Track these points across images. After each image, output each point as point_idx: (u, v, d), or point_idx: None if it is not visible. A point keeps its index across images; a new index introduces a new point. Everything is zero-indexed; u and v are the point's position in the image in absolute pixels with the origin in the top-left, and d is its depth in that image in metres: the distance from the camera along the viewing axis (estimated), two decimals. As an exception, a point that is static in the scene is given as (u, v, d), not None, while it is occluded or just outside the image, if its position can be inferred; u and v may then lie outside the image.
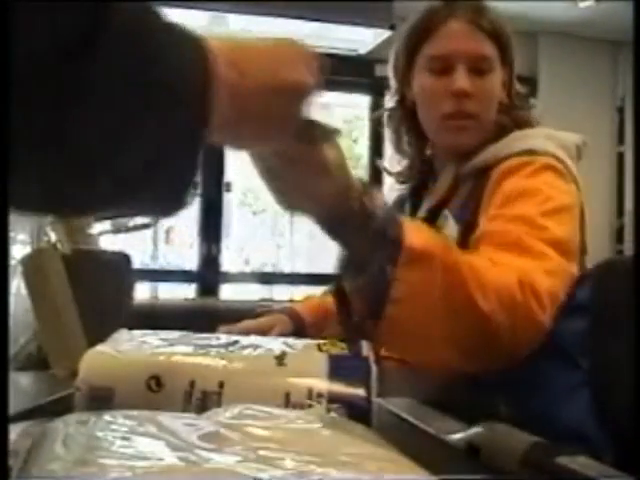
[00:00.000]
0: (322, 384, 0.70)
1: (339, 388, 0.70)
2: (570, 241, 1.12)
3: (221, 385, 0.70)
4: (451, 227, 1.27)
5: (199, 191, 5.11)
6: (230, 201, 5.46)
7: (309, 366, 0.73)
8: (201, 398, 0.70)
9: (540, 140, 1.27)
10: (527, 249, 1.04)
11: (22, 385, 0.99)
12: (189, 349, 0.77)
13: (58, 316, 0.98)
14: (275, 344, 0.81)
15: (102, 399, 0.69)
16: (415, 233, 0.89)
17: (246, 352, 0.78)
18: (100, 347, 0.77)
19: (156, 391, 0.70)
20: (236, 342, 0.82)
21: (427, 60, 1.32)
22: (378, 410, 0.73)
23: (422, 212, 1.41)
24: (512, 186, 1.16)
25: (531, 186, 1.15)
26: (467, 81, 1.28)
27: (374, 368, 0.73)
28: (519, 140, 1.29)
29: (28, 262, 1.00)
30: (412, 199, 1.47)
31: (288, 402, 0.69)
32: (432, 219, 1.35)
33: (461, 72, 1.28)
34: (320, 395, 0.69)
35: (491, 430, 0.73)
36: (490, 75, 1.30)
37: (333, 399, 0.69)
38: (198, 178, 0.62)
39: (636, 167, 1.19)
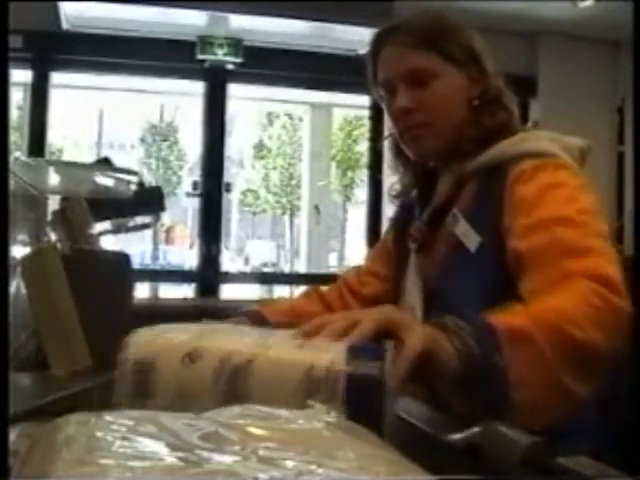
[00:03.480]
0: (342, 361, 0.74)
1: (357, 367, 0.73)
2: (607, 231, 1.16)
3: (249, 361, 0.75)
4: (463, 226, 1.28)
5: (199, 191, 5.11)
6: (230, 201, 5.49)
7: (329, 350, 0.77)
8: (231, 373, 0.75)
9: (545, 142, 1.30)
10: (584, 250, 1.07)
11: (21, 385, 0.98)
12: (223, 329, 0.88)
13: (57, 316, 0.97)
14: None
15: (144, 372, 0.77)
16: (496, 318, 0.94)
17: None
18: (143, 329, 0.84)
19: (190, 366, 0.77)
20: None
21: (380, 86, 1.42)
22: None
23: (425, 214, 1.41)
24: (535, 190, 1.18)
25: (555, 186, 1.18)
26: (405, 98, 1.35)
27: (389, 353, 0.76)
28: (525, 141, 1.31)
29: (27, 262, 0.99)
30: (420, 204, 1.47)
31: (310, 377, 0.73)
32: (437, 220, 1.36)
33: (401, 91, 1.36)
34: (339, 372, 0.73)
35: (491, 430, 0.72)
36: (433, 83, 1.34)
37: (351, 378, 0.72)
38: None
39: (636, 167, 1.19)
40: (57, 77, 4.84)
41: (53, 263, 0.99)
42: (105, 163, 1.69)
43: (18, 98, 4.99)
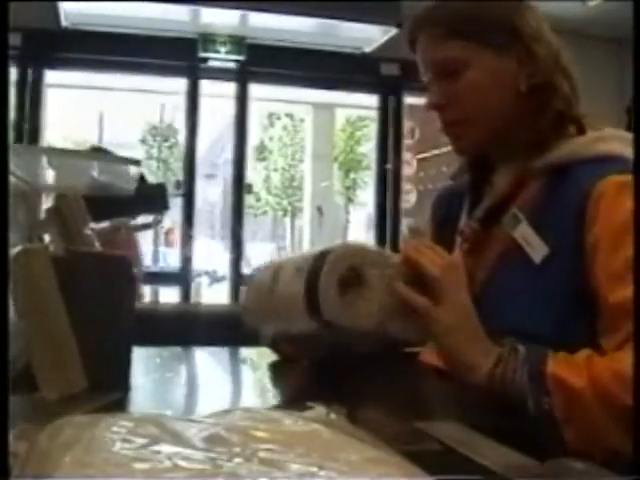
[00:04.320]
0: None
1: None
2: None
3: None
4: (524, 230, 1.18)
5: (181, 191, 5.03)
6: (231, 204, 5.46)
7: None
8: None
9: (617, 144, 1.20)
10: None
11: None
12: None
13: (47, 329, 0.85)
14: None
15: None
16: (556, 369, 0.98)
17: None
18: None
19: None
20: None
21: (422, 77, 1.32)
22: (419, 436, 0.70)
23: (479, 211, 1.29)
24: (620, 218, 1.08)
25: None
26: (435, 94, 1.25)
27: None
28: (599, 142, 1.21)
29: (12, 265, 0.85)
30: (471, 197, 1.35)
31: None
32: (492, 218, 1.26)
33: (431, 85, 1.26)
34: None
35: (564, 466, 0.60)
36: (465, 73, 1.23)
37: None
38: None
39: (636, 166, 1.13)
40: (56, 77, 4.84)
41: (42, 266, 0.87)
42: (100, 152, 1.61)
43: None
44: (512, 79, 1.22)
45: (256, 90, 5.43)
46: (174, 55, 4.71)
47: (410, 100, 5.30)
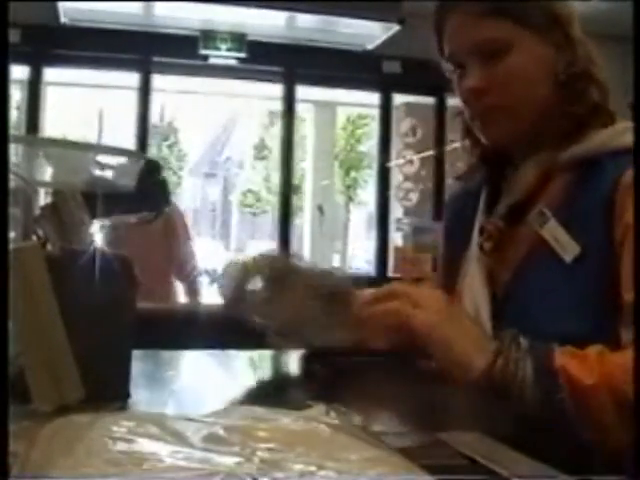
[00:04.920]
0: None
1: None
2: None
3: None
4: (554, 228, 1.13)
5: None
6: (230, 202, 5.47)
7: None
8: None
9: None
10: None
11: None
12: None
13: (40, 334, 0.79)
14: None
15: None
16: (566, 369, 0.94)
17: None
18: None
19: None
20: None
21: (447, 61, 1.24)
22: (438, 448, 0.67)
23: (502, 208, 1.23)
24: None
25: None
26: (475, 77, 1.18)
27: None
28: (627, 132, 1.15)
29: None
30: (489, 194, 1.30)
31: None
32: (518, 215, 1.20)
33: (470, 68, 1.18)
34: None
35: None
36: (508, 56, 1.16)
37: None
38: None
39: (636, 166, 1.07)
40: (55, 74, 4.82)
41: (35, 265, 0.81)
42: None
43: (17, 97, 4.96)
44: (552, 66, 1.17)
45: (256, 88, 5.43)
46: (174, 52, 4.70)
47: (411, 98, 5.29)
